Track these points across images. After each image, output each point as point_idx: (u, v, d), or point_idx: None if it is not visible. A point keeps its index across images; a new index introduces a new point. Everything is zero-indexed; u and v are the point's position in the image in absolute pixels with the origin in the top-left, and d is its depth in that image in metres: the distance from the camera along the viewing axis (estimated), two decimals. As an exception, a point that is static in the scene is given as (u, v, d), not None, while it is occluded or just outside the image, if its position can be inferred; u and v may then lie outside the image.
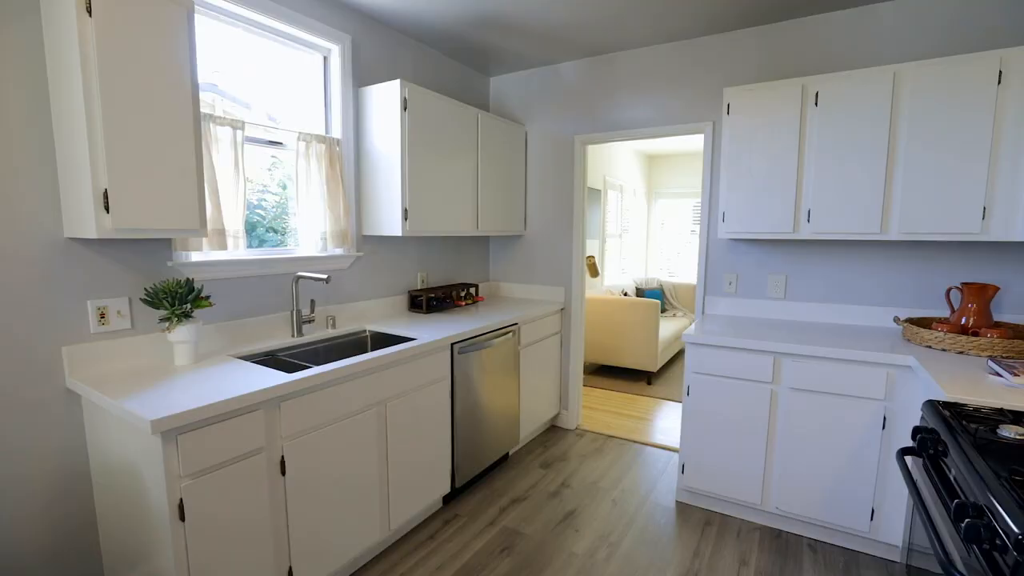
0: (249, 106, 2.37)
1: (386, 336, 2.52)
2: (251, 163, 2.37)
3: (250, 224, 2.42)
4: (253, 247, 2.41)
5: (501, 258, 3.80)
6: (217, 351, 2.03)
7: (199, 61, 2.09)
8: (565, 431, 3.58)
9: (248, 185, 2.35)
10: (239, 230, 2.15)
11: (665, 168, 7.37)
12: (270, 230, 2.48)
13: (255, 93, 2.31)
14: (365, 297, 2.77)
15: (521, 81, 3.57)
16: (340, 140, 2.59)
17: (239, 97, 2.33)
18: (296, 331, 2.30)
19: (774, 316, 2.84)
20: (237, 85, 2.29)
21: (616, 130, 3.23)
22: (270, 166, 2.46)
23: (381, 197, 2.61)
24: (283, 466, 1.68)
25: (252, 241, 2.43)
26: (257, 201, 2.44)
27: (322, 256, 2.50)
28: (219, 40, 2.20)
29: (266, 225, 2.47)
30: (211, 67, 2.20)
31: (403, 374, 2.16)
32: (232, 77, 2.26)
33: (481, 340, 2.64)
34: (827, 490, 2.21)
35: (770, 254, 2.83)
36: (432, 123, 2.69)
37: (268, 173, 2.46)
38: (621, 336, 4.65)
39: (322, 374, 1.77)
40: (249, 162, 2.34)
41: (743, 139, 2.54)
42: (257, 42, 2.31)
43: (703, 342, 2.41)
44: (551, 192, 3.53)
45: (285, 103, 2.45)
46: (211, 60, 2.18)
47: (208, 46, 2.16)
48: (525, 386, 3.13)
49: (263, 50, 2.34)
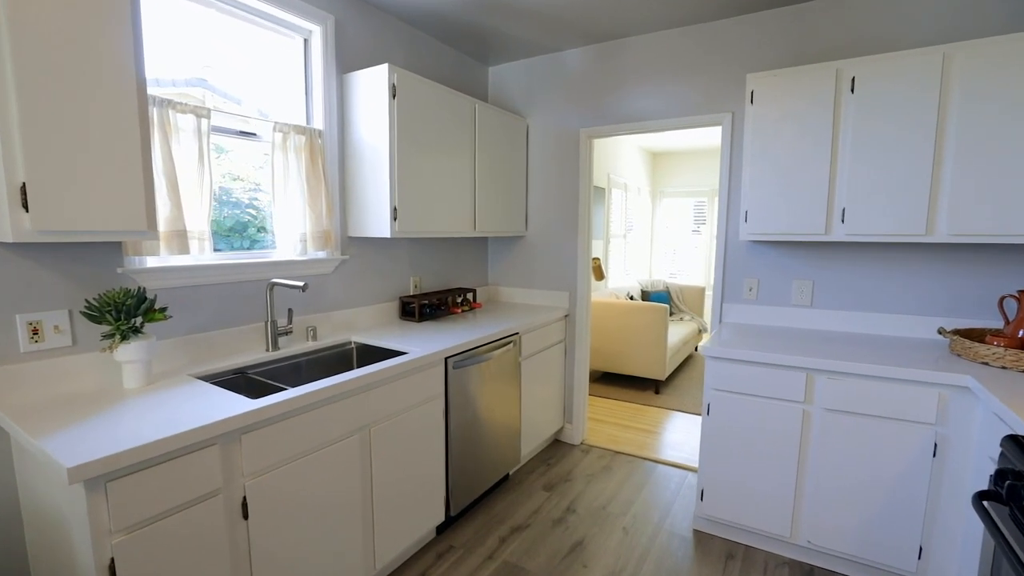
0: (240, 102, 2.14)
1: (373, 349, 2.27)
2: (243, 159, 2.13)
3: (241, 224, 2.19)
4: (244, 248, 2.17)
5: (501, 261, 3.55)
6: (177, 370, 1.78)
7: (190, 55, 1.86)
8: (570, 447, 3.34)
9: (239, 183, 2.10)
10: (204, 231, 1.90)
11: (670, 166, 7.12)
12: (261, 229, 2.24)
13: (232, 80, 2.06)
14: (351, 304, 2.52)
15: (522, 70, 3.32)
16: (322, 132, 2.34)
17: (230, 92, 2.10)
18: (271, 344, 2.06)
19: (799, 325, 2.59)
20: (228, 80, 2.07)
21: (625, 122, 2.99)
22: (262, 164, 2.21)
23: (368, 195, 2.36)
24: (245, 509, 1.44)
25: (243, 242, 2.20)
26: (249, 200, 2.20)
27: (302, 260, 2.25)
28: (207, 33, 1.98)
29: (258, 225, 2.23)
30: (200, 62, 2.01)
31: (391, 394, 1.91)
32: (219, 71, 2.03)
33: (479, 353, 2.39)
34: (867, 523, 1.97)
35: (795, 257, 2.58)
36: (424, 113, 2.44)
37: (260, 171, 2.21)
38: (627, 342, 4.40)
39: (293, 399, 1.52)
40: (240, 157, 2.09)
41: (769, 131, 2.29)
42: (229, 24, 2.06)
43: (725, 356, 2.16)
44: (554, 190, 3.28)
45: (262, 91, 2.20)
46: (200, 55, 1.99)
47: (196, 40, 1.95)
48: (527, 400, 2.88)
49: (237, 33, 2.08)
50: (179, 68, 1.93)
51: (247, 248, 2.21)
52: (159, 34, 1.83)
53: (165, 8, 1.85)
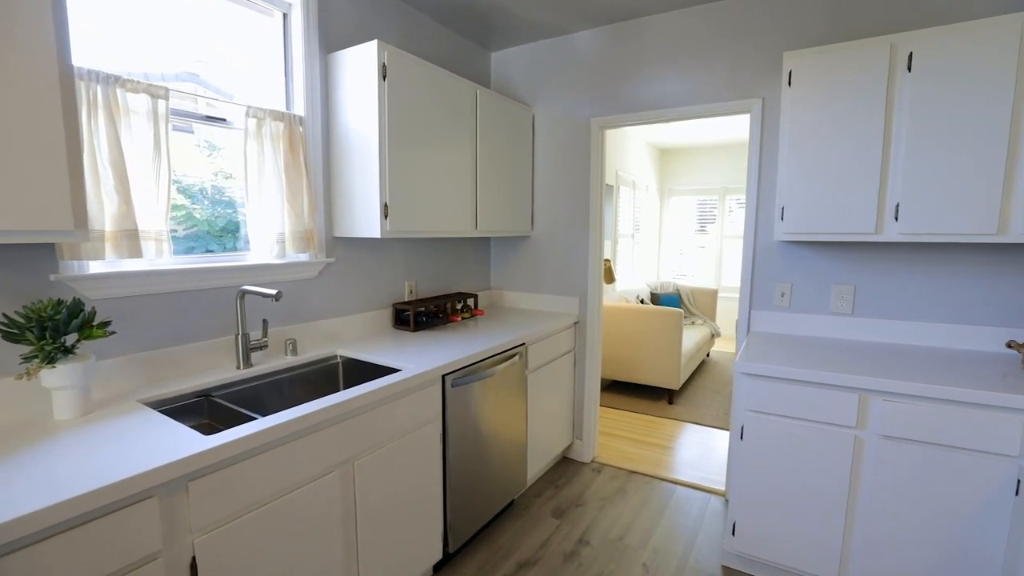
0: (233, 97, 1.90)
1: (361, 364, 2.01)
2: (228, 149, 1.87)
3: (233, 224, 1.95)
4: (227, 250, 1.91)
5: (504, 263, 3.28)
6: (126, 394, 1.52)
7: (180, 48, 1.59)
8: (579, 465, 3.07)
9: (231, 182, 1.83)
10: (162, 232, 1.63)
11: (679, 163, 6.84)
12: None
13: (208, 66, 1.79)
14: (337, 313, 2.26)
15: (528, 55, 3.04)
16: (304, 118, 2.07)
17: (223, 88, 1.86)
18: (242, 361, 1.79)
19: (839, 336, 2.31)
20: (221, 75, 1.86)
21: (641, 111, 2.71)
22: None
23: (356, 190, 2.10)
24: (194, 571, 1.17)
25: (236, 243, 1.95)
26: (241, 200, 1.94)
27: (280, 264, 1.98)
28: (201, 28, 1.73)
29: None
30: (192, 56, 1.80)
31: (380, 419, 1.65)
32: (191, 52, 1.79)
33: (482, 368, 2.12)
34: (933, 569, 1.70)
35: (835, 259, 2.30)
36: (419, 98, 2.17)
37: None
38: (639, 349, 4.13)
39: (258, 434, 1.25)
40: (232, 154, 1.83)
41: (809, 116, 2.02)
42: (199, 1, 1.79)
43: (763, 373, 1.89)
44: (563, 185, 3.00)
45: (235, 74, 1.93)
46: (192, 49, 1.78)
47: (188, 34, 1.71)
48: (534, 417, 2.61)
49: (206, 9, 1.82)
50: (169, 62, 1.71)
51: (241, 250, 1.97)
52: (134, 25, 1.57)
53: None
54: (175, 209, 1.84)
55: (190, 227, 1.89)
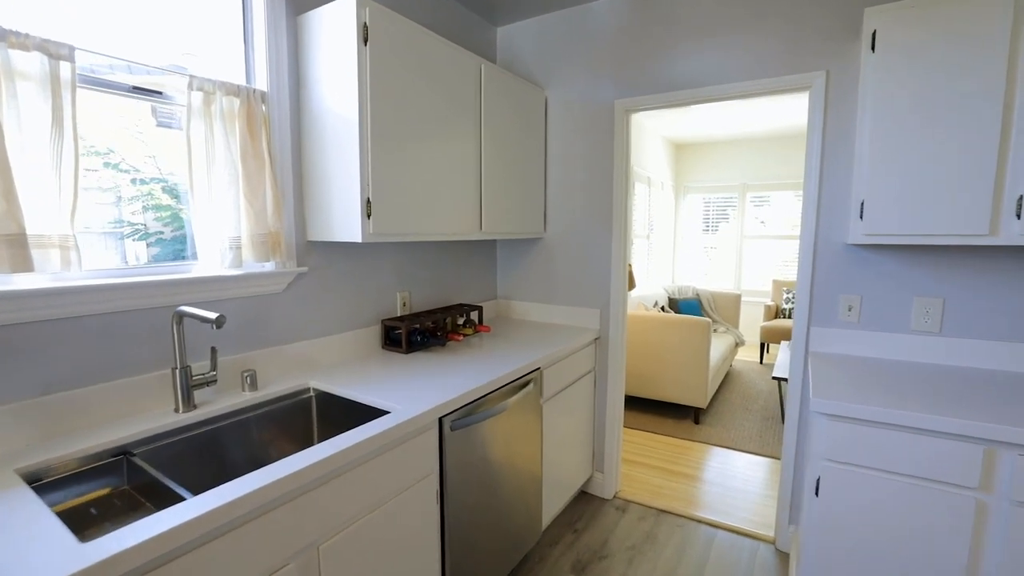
0: (187, 69, 1.51)
1: (339, 401, 1.61)
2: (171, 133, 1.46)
3: (179, 223, 1.55)
4: (178, 259, 1.50)
5: (513, 269, 2.87)
6: (5, 457, 1.11)
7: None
8: (601, 502, 2.66)
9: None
10: (68, 237, 1.23)
11: (696, 158, 6.42)
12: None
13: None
14: (313, 333, 1.85)
15: (540, 29, 2.63)
16: (267, 94, 1.67)
17: (217, 78, 1.47)
18: (182, 402, 1.39)
19: (922, 359, 1.90)
20: (212, 67, 1.49)
21: (673, 91, 2.30)
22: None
23: (332, 183, 1.69)
24: None
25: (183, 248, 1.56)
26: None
27: (235, 276, 1.58)
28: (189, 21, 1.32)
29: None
30: (181, 49, 1.47)
31: (357, 483, 1.24)
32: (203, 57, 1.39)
33: (488, 402, 1.72)
34: None
35: (919, 266, 1.89)
36: (410, 69, 1.76)
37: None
38: (661, 362, 3.71)
39: (167, 535, 0.85)
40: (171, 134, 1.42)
41: (901, 89, 1.61)
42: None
43: (849, 414, 1.48)
44: (581, 178, 2.59)
45: (187, 39, 1.53)
46: (182, 42, 1.44)
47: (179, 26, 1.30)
48: (549, 452, 2.20)
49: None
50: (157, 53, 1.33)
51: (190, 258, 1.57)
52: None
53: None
54: (160, 209, 1.54)
55: (178, 229, 1.57)
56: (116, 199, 1.46)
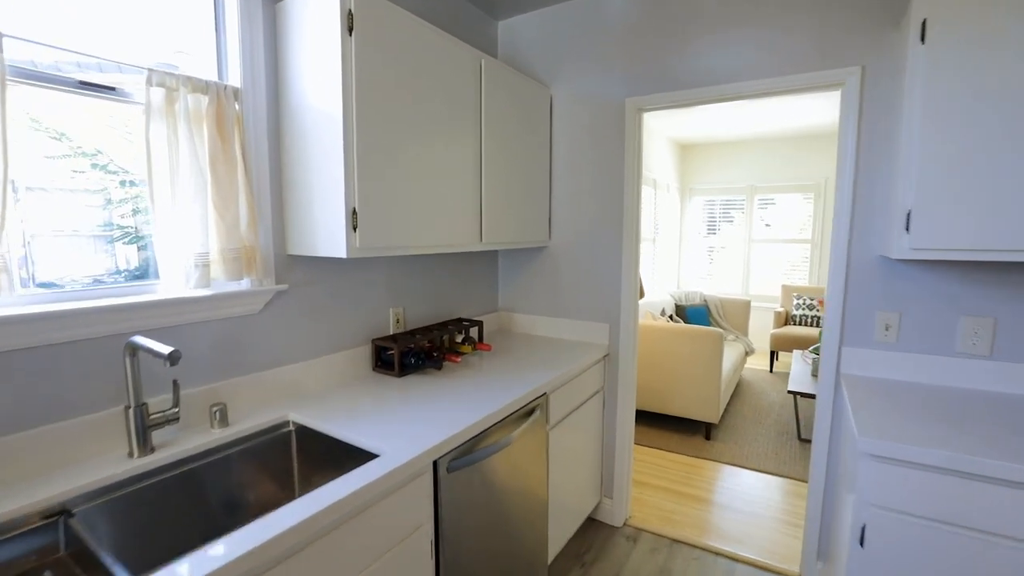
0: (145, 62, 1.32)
1: (322, 438, 1.42)
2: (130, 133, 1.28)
3: (140, 238, 1.37)
4: (136, 278, 1.31)
5: (515, 280, 2.69)
6: (-88, 527, 0.93)
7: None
8: (610, 530, 2.47)
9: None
10: (3, 256, 1.05)
11: (702, 159, 6.23)
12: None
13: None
14: (295, 357, 1.67)
15: (545, 22, 2.45)
16: (241, 91, 1.48)
17: (181, 73, 1.28)
18: (137, 445, 1.20)
19: (970, 385, 1.72)
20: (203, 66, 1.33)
21: (691, 88, 2.12)
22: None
23: (314, 191, 1.51)
24: None
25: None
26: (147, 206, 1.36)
27: (202, 297, 1.39)
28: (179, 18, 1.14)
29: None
30: (172, 47, 1.34)
31: (337, 545, 1.06)
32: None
33: (489, 439, 1.53)
34: None
35: (968, 283, 1.71)
36: (402, 64, 1.58)
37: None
38: (671, 374, 3.53)
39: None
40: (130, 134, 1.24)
41: (958, 85, 1.42)
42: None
43: (902, 457, 1.29)
44: (589, 183, 2.41)
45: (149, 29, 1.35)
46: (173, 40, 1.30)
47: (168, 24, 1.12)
48: (555, 481, 2.02)
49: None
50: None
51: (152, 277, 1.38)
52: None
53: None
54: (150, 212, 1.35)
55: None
56: (105, 202, 1.30)
